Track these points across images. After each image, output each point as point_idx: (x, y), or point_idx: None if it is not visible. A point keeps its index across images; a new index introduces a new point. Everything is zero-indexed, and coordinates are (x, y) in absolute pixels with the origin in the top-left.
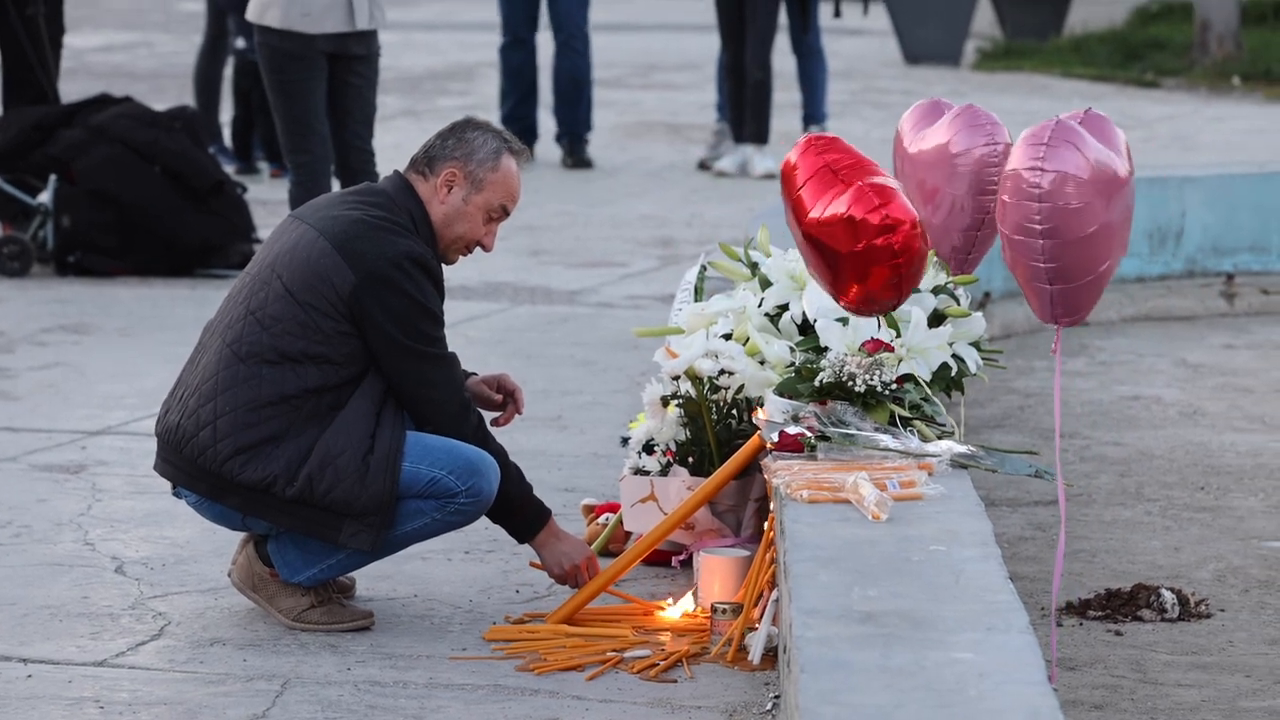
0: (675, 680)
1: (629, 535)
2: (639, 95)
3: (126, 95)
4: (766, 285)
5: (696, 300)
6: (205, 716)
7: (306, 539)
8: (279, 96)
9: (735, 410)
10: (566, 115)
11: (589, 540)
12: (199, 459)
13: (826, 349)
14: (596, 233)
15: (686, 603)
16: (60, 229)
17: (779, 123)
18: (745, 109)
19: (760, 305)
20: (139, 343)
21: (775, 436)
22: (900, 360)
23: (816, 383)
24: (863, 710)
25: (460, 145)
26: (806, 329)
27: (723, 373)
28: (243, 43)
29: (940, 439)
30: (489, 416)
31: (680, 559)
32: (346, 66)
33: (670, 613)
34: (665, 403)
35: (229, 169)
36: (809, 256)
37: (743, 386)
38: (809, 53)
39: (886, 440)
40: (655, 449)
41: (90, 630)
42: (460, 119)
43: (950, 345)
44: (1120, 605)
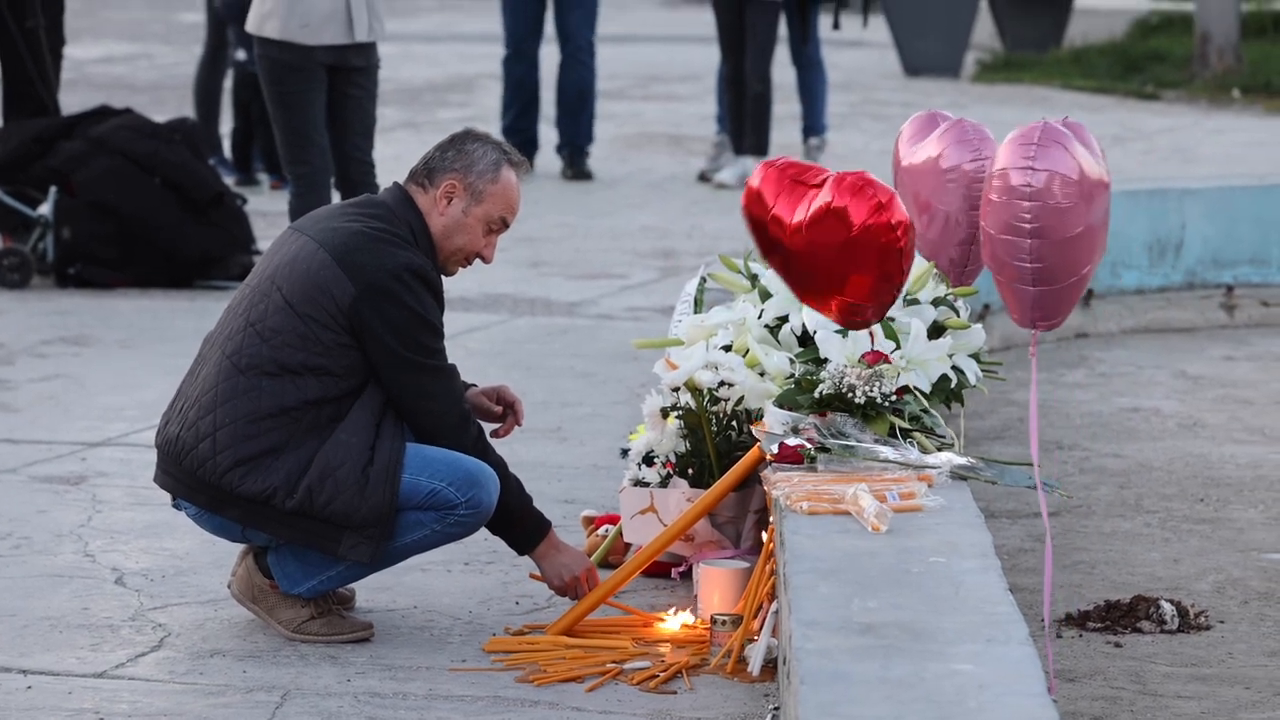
0: (675, 692)
1: (629, 547)
2: (640, 106)
3: (127, 107)
4: (766, 297)
5: (696, 312)
6: None
7: (306, 551)
8: (278, 108)
9: (735, 422)
10: (568, 127)
11: (589, 552)
12: (199, 471)
13: (826, 361)
14: (596, 244)
15: (686, 615)
16: (60, 241)
17: (779, 134)
18: (745, 121)
19: (760, 317)
20: (139, 354)
21: (775, 448)
22: (900, 372)
23: (816, 394)
24: None
25: (460, 157)
26: (806, 340)
27: (722, 384)
28: (243, 54)
29: (940, 451)
30: (489, 428)
31: (680, 570)
32: (346, 78)
33: (670, 624)
34: (665, 414)
35: (229, 181)
36: (799, 275)
37: (742, 398)
38: (809, 64)
39: (886, 452)
40: (655, 461)
41: (90, 641)
42: (460, 131)
43: (950, 357)
44: (1120, 617)
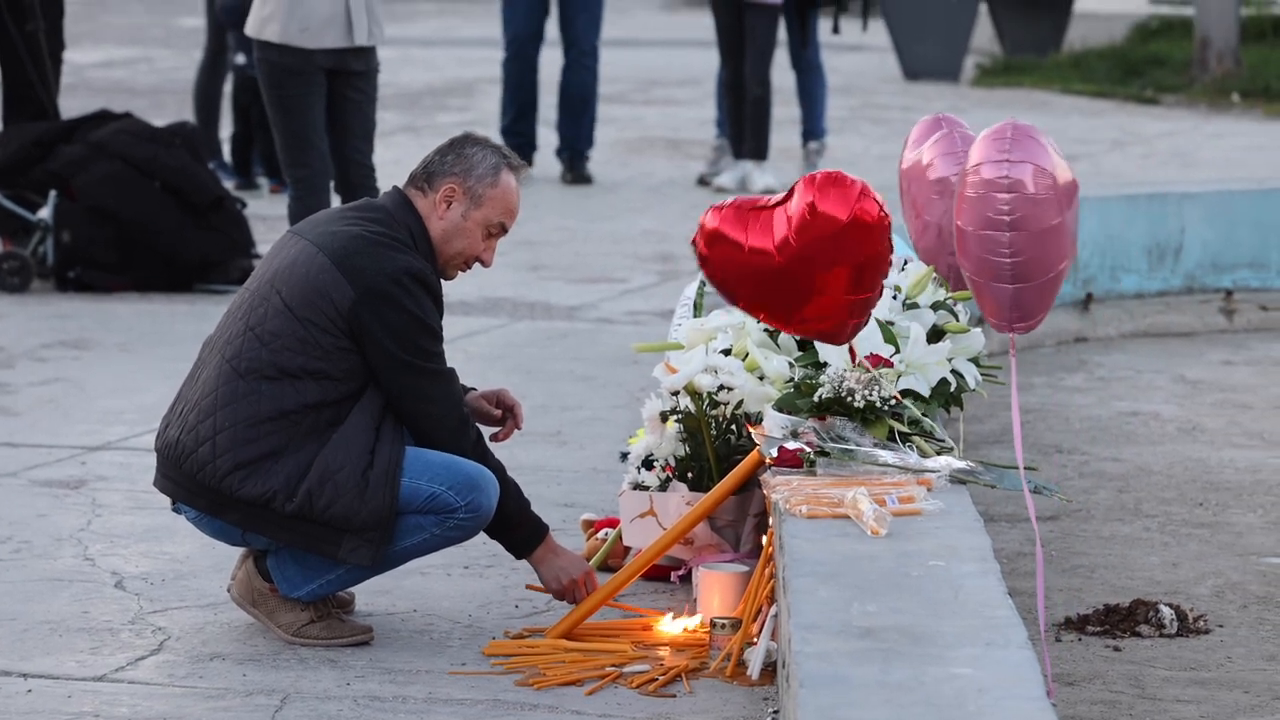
0: (674, 695)
1: (628, 550)
2: (640, 111)
3: (126, 111)
4: None
5: (696, 316)
6: None
7: (306, 554)
8: (278, 112)
9: (734, 425)
10: (569, 131)
11: (588, 555)
12: (198, 474)
13: (825, 364)
14: (596, 248)
15: (686, 618)
16: (60, 245)
17: (778, 138)
18: (745, 125)
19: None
20: (139, 358)
21: (774, 452)
22: (899, 376)
23: (816, 398)
24: None
25: (459, 161)
26: (805, 344)
27: (722, 388)
28: (242, 58)
29: (939, 454)
30: (488, 432)
31: (679, 574)
32: (345, 82)
33: (669, 627)
34: (664, 418)
35: (228, 184)
36: (789, 293)
37: (742, 402)
38: (808, 68)
39: (885, 456)
40: (654, 464)
41: (90, 645)
42: (459, 135)
43: (949, 361)
44: (1119, 621)
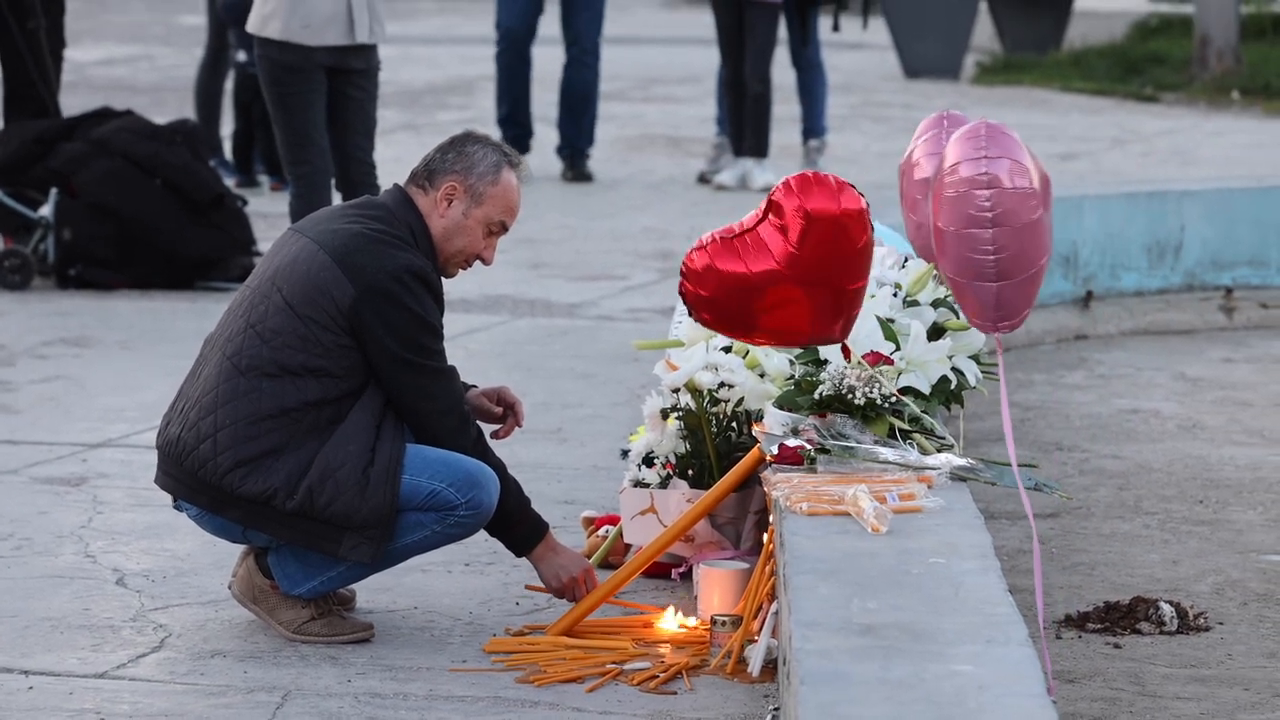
0: (675, 692)
1: (629, 547)
2: (640, 108)
3: (127, 109)
4: None
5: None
6: None
7: (307, 552)
8: (279, 109)
9: (735, 423)
10: (570, 128)
11: (589, 552)
12: (199, 472)
13: (826, 362)
14: (597, 246)
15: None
16: (61, 242)
17: (779, 136)
18: (745, 122)
19: None
20: (139, 356)
21: (775, 449)
22: (900, 373)
23: (816, 395)
24: None
25: (460, 159)
26: None
27: (722, 385)
28: (244, 55)
29: (939, 452)
30: (489, 429)
31: (680, 571)
32: (346, 80)
33: (669, 624)
34: (665, 415)
35: (229, 182)
36: (804, 305)
37: (742, 399)
38: (808, 66)
39: (886, 453)
40: (655, 461)
41: (91, 642)
42: (460, 133)
43: (950, 358)
44: (1119, 618)
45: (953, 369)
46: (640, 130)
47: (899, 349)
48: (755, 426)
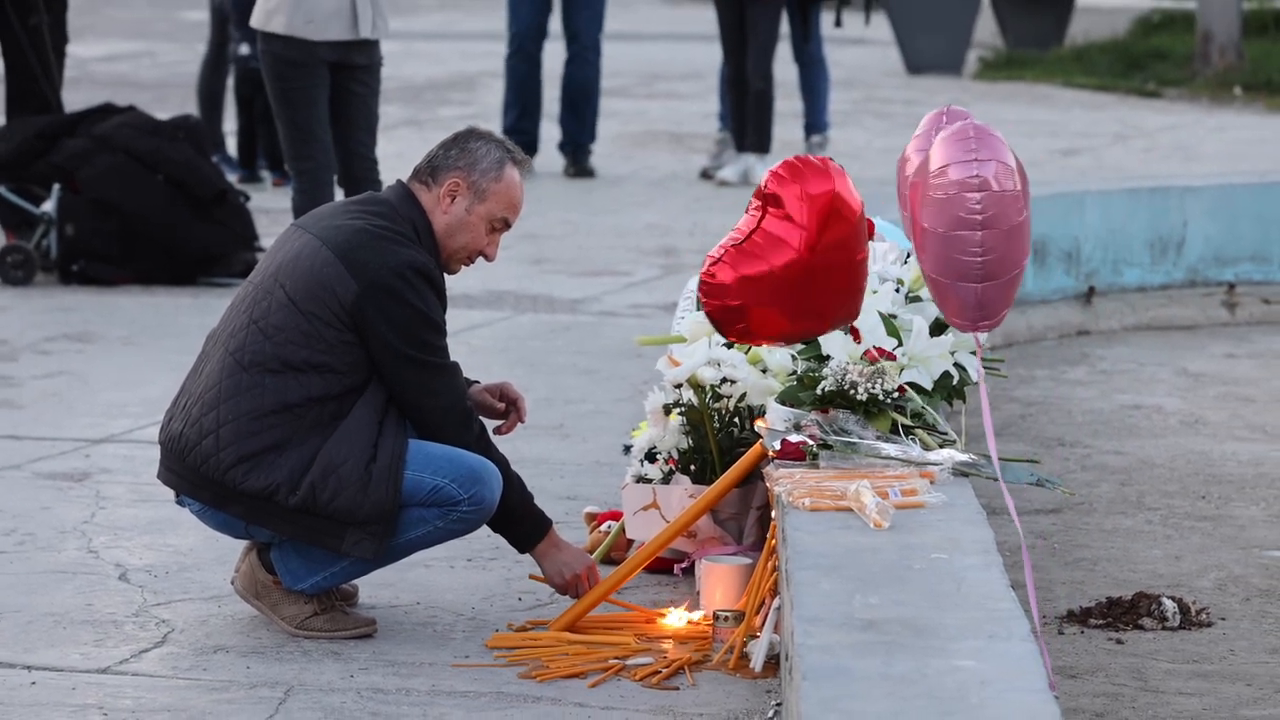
0: (677, 688)
1: (631, 543)
2: (642, 105)
3: (130, 104)
4: None
5: (699, 309)
6: None
7: (309, 547)
8: (282, 104)
9: (737, 418)
10: (572, 125)
11: (591, 548)
12: (202, 467)
13: (828, 357)
14: (599, 242)
15: (688, 611)
16: (64, 238)
17: (781, 132)
18: (747, 119)
19: None
20: (142, 351)
21: (777, 445)
22: (902, 369)
23: (818, 391)
24: (864, 718)
25: (463, 155)
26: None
27: (725, 381)
28: (246, 49)
29: (942, 447)
30: (491, 425)
31: (682, 567)
32: (349, 75)
33: (672, 620)
34: (667, 411)
35: (232, 178)
36: (829, 279)
37: (745, 395)
38: (811, 62)
39: (888, 448)
40: (657, 457)
41: (94, 637)
42: (463, 129)
43: (952, 354)
44: (1121, 614)
45: (955, 365)
46: (643, 126)
47: (901, 344)
48: (758, 422)
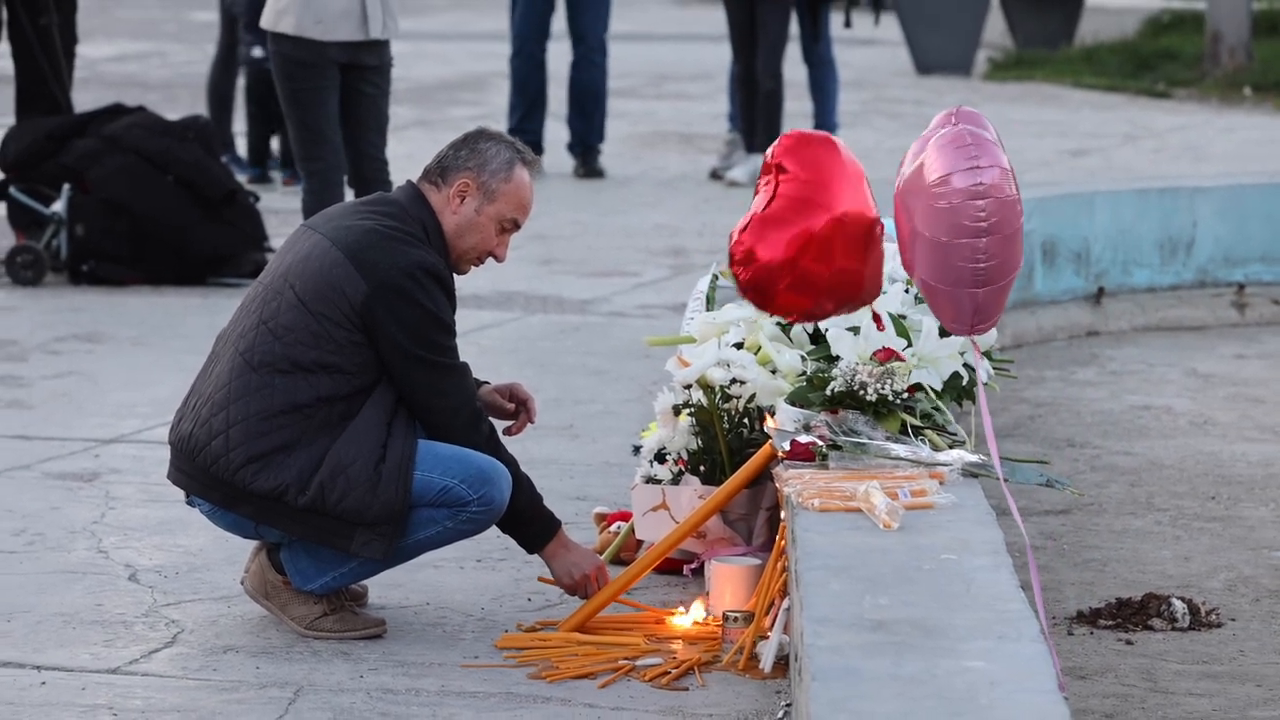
0: (687, 688)
1: (640, 544)
2: (652, 105)
3: (140, 105)
4: None
5: (708, 309)
6: None
7: (319, 547)
8: (292, 105)
9: (747, 419)
10: (580, 126)
11: (600, 549)
12: (211, 468)
13: (838, 358)
14: (609, 242)
15: (697, 611)
16: (74, 238)
17: None
18: (757, 119)
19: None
20: (152, 351)
21: (787, 445)
22: (911, 369)
23: (828, 392)
24: (874, 718)
25: (473, 156)
26: (818, 338)
27: (734, 381)
28: (259, 51)
29: (951, 448)
30: (501, 425)
31: (692, 567)
32: (360, 76)
33: (681, 621)
34: (677, 411)
35: (242, 178)
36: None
37: (754, 395)
38: (820, 62)
39: (898, 449)
40: (667, 458)
41: (104, 638)
42: (473, 129)
43: (961, 355)
44: (1131, 615)
45: (964, 365)
46: (652, 127)
47: (910, 345)
48: (767, 422)
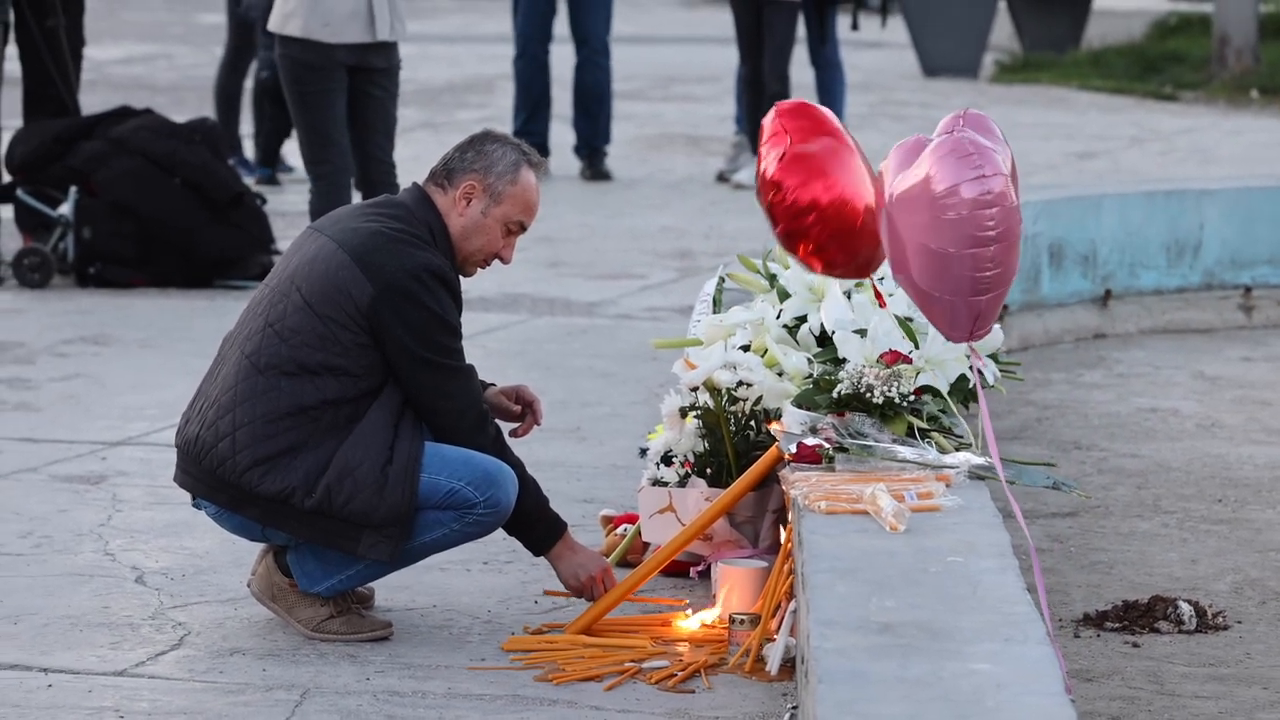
0: (693, 691)
1: (647, 546)
2: (658, 107)
3: (147, 107)
4: (785, 297)
5: (715, 312)
6: None
7: (326, 550)
8: (299, 107)
9: (753, 421)
10: (586, 128)
11: (607, 551)
12: (218, 470)
13: (844, 361)
14: (615, 245)
15: (705, 613)
16: (80, 240)
17: None
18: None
19: (778, 317)
20: (159, 354)
21: (793, 448)
22: (918, 372)
23: (834, 394)
24: None
25: (479, 158)
26: (824, 341)
27: (741, 384)
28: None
29: (958, 450)
30: (507, 428)
31: (698, 569)
32: (367, 78)
33: (688, 623)
34: (684, 414)
35: (249, 181)
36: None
37: (761, 398)
38: (827, 65)
39: (904, 452)
40: (673, 460)
41: (110, 640)
42: (479, 131)
43: (967, 357)
44: (1137, 617)
45: (971, 368)
46: (659, 129)
47: (917, 348)
48: (773, 425)
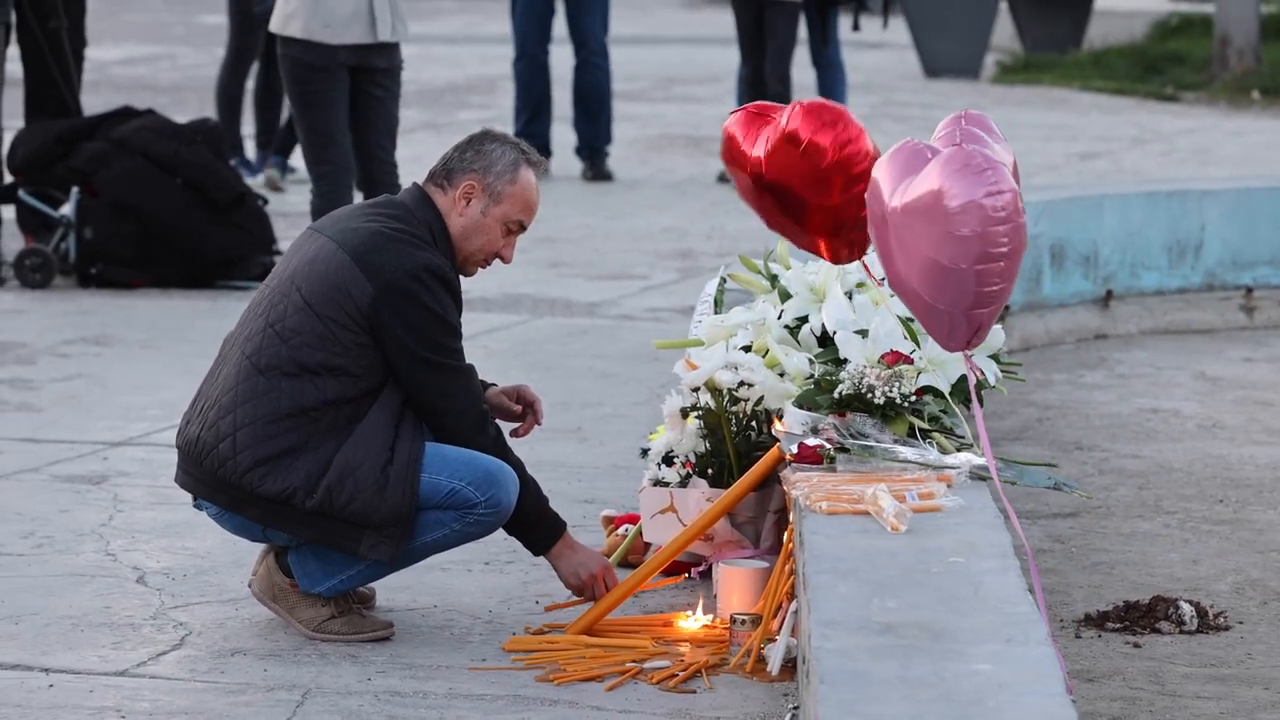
0: (694, 691)
1: (648, 546)
2: (660, 108)
3: (149, 108)
4: (786, 298)
5: (716, 312)
6: None
7: (327, 550)
8: (301, 108)
9: (755, 422)
10: (586, 129)
11: (608, 551)
12: (219, 471)
13: (846, 361)
14: (616, 245)
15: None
16: (82, 241)
17: None
18: None
19: (780, 317)
20: (160, 354)
21: (794, 448)
22: (920, 372)
23: (836, 395)
24: None
25: (479, 158)
26: (826, 341)
27: (742, 384)
28: None
29: (959, 451)
30: (508, 428)
31: (700, 570)
32: (369, 79)
33: (689, 624)
34: (685, 414)
35: (251, 181)
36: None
37: (762, 398)
38: (828, 65)
39: (905, 452)
40: (675, 460)
41: (112, 640)
42: (479, 131)
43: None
44: (1139, 617)
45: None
46: (660, 130)
47: (919, 348)
48: (775, 425)
